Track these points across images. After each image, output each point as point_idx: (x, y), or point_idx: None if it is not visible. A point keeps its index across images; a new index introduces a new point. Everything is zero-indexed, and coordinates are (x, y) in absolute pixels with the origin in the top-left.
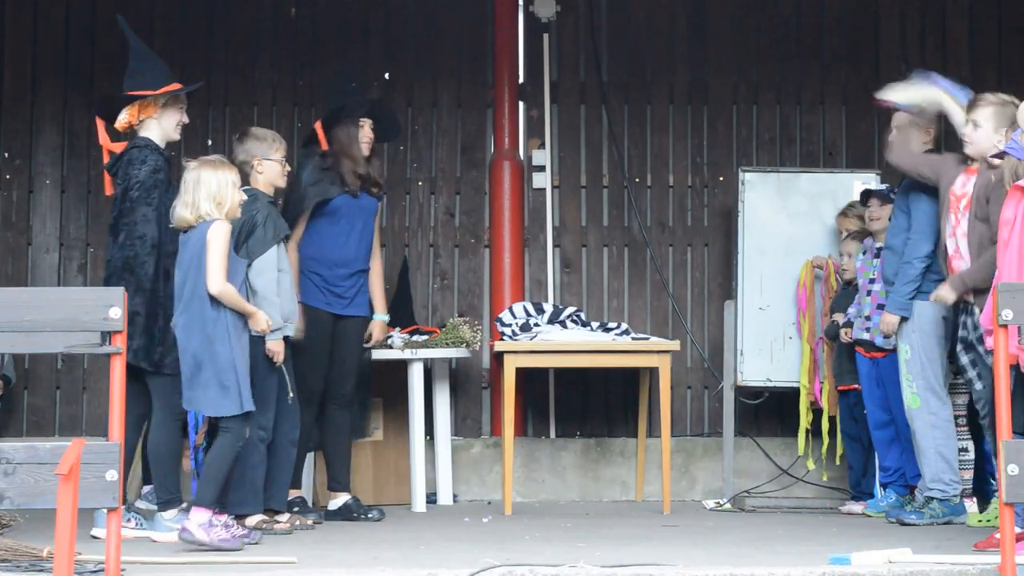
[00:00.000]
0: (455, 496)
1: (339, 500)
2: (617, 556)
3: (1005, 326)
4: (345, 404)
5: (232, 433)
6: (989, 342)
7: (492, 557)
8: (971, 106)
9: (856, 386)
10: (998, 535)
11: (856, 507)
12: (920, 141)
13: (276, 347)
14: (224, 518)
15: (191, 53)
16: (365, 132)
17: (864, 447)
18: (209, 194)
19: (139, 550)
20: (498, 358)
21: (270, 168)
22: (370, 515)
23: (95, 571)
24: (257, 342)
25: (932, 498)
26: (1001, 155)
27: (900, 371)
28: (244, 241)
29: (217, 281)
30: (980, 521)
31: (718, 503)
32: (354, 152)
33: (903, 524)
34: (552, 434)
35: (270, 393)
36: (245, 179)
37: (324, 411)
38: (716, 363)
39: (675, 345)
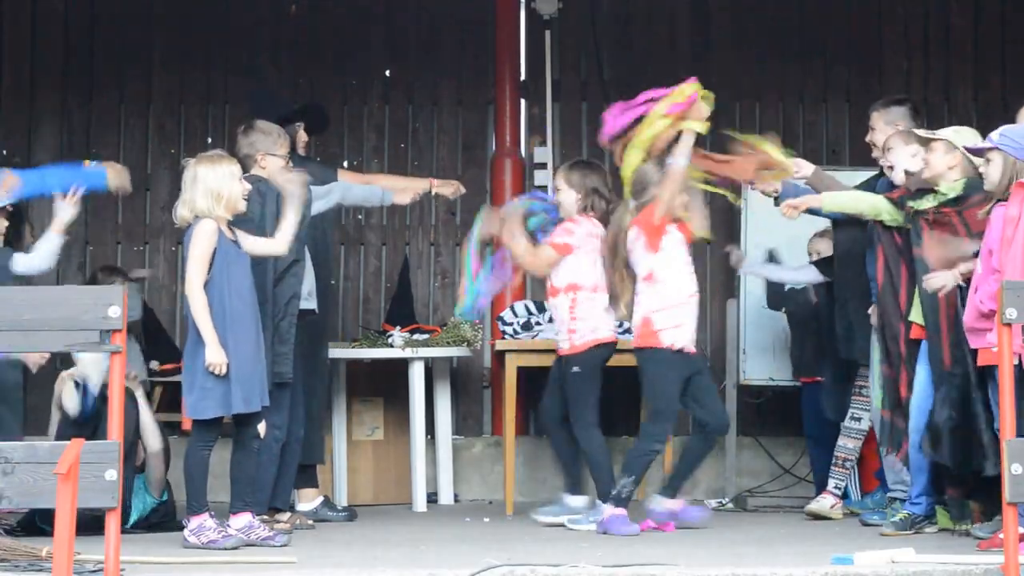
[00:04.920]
0: (456, 496)
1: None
2: (618, 556)
3: (1009, 324)
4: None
5: (193, 436)
6: (975, 340)
7: (493, 557)
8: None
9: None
10: (1002, 535)
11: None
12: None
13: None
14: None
15: (191, 51)
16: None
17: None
18: (207, 190)
19: (138, 550)
20: (499, 357)
21: (273, 163)
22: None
23: (94, 571)
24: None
25: (895, 499)
26: (979, 152)
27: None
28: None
29: (192, 284)
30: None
31: (720, 503)
32: None
33: (865, 524)
34: None
35: (283, 393)
36: (246, 172)
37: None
38: (719, 362)
39: None
